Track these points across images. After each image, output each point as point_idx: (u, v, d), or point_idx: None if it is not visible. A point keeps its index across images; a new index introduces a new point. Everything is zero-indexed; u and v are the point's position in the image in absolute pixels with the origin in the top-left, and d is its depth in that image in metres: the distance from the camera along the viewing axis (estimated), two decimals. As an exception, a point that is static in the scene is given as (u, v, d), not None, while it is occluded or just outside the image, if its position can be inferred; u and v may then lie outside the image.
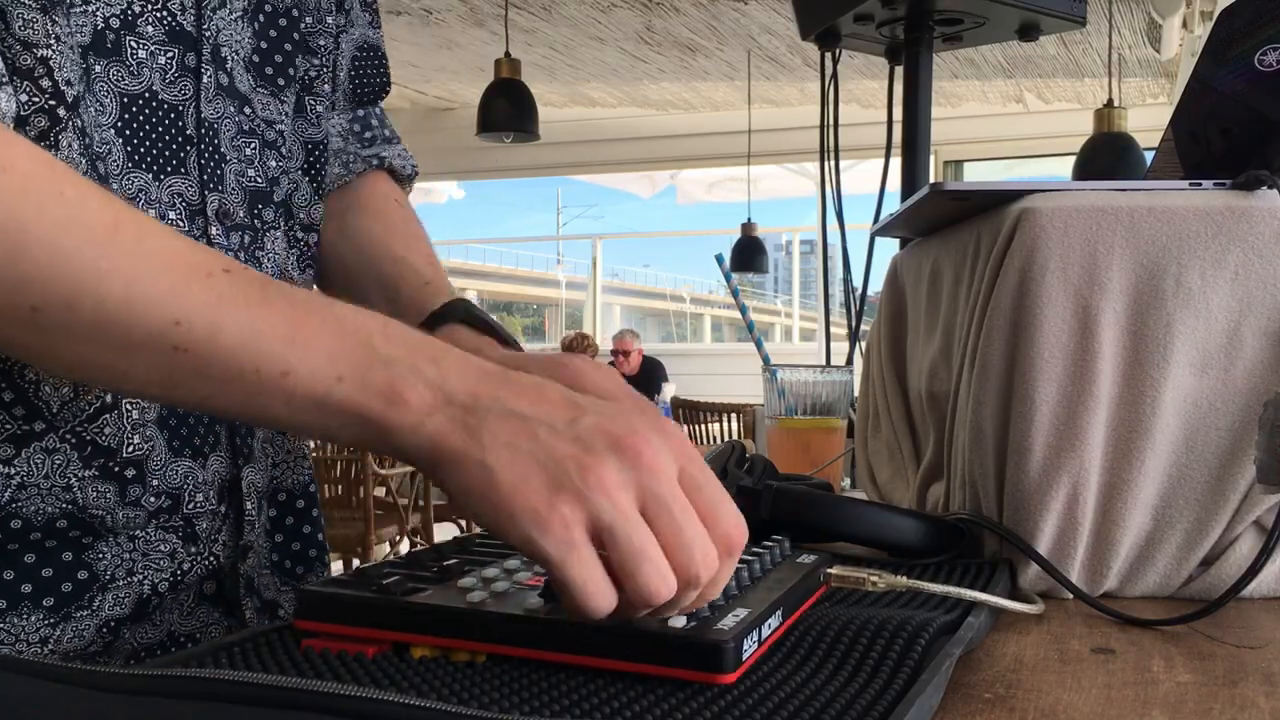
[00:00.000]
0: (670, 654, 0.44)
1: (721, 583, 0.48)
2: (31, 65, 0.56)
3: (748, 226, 6.72)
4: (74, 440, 0.60)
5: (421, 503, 4.62)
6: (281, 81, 0.73)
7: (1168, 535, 0.67)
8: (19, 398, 0.58)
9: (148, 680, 0.39)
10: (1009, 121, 7.05)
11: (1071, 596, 0.67)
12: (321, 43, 0.77)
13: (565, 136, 7.45)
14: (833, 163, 1.44)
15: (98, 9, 0.61)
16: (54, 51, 0.57)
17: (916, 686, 0.43)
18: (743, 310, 1.19)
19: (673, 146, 7.75)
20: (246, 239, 0.71)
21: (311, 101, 0.77)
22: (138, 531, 0.63)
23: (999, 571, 0.66)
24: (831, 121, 1.44)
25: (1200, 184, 0.69)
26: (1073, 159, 4.53)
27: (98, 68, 0.61)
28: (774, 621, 0.49)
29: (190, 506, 0.65)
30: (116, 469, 0.61)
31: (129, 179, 0.63)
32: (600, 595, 0.44)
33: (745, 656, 0.44)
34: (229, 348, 0.47)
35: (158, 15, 0.64)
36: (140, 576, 0.64)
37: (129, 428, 0.62)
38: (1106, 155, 4.20)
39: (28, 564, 0.60)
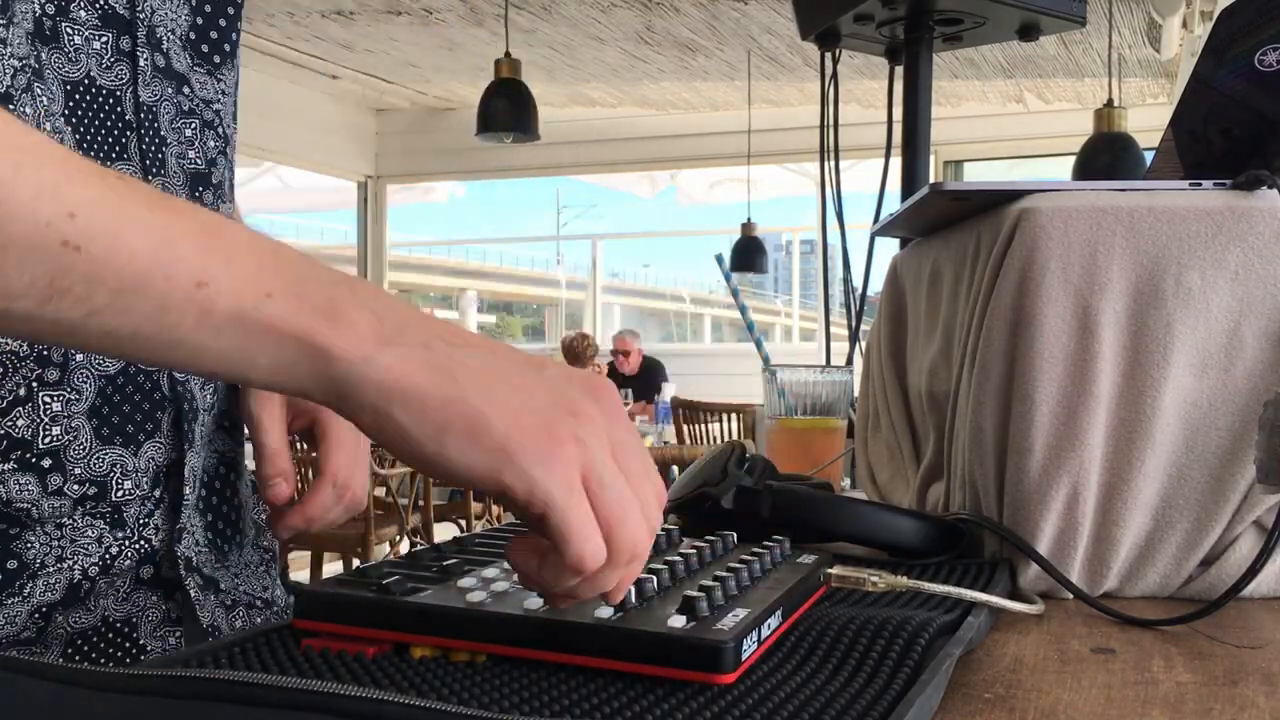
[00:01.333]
0: (670, 654, 0.44)
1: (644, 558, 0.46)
2: None
3: (748, 226, 6.72)
4: None
5: (421, 503, 4.62)
6: (218, 58, 0.72)
7: (1168, 535, 0.67)
8: None
9: (148, 680, 0.39)
10: (1009, 121, 7.04)
11: (1071, 596, 0.67)
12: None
13: (565, 136, 7.45)
14: (833, 163, 1.44)
15: None
16: None
17: (916, 686, 0.43)
18: (743, 310, 1.19)
19: (673, 146, 7.75)
20: None
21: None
22: (64, 519, 0.63)
23: (999, 571, 0.66)
24: (831, 121, 1.44)
25: (1200, 184, 0.69)
26: (1073, 159, 4.53)
27: (44, 55, 0.59)
28: (774, 622, 0.49)
29: (118, 494, 0.64)
30: (33, 460, 0.60)
31: None
32: (596, 543, 0.43)
33: (745, 657, 0.44)
34: (133, 248, 0.41)
35: (88, 0, 0.62)
36: (70, 563, 0.63)
37: (46, 420, 0.60)
38: (1106, 155, 4.20)
39: None
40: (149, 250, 0.41)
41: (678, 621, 0.45)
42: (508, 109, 4.57)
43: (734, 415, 5.62)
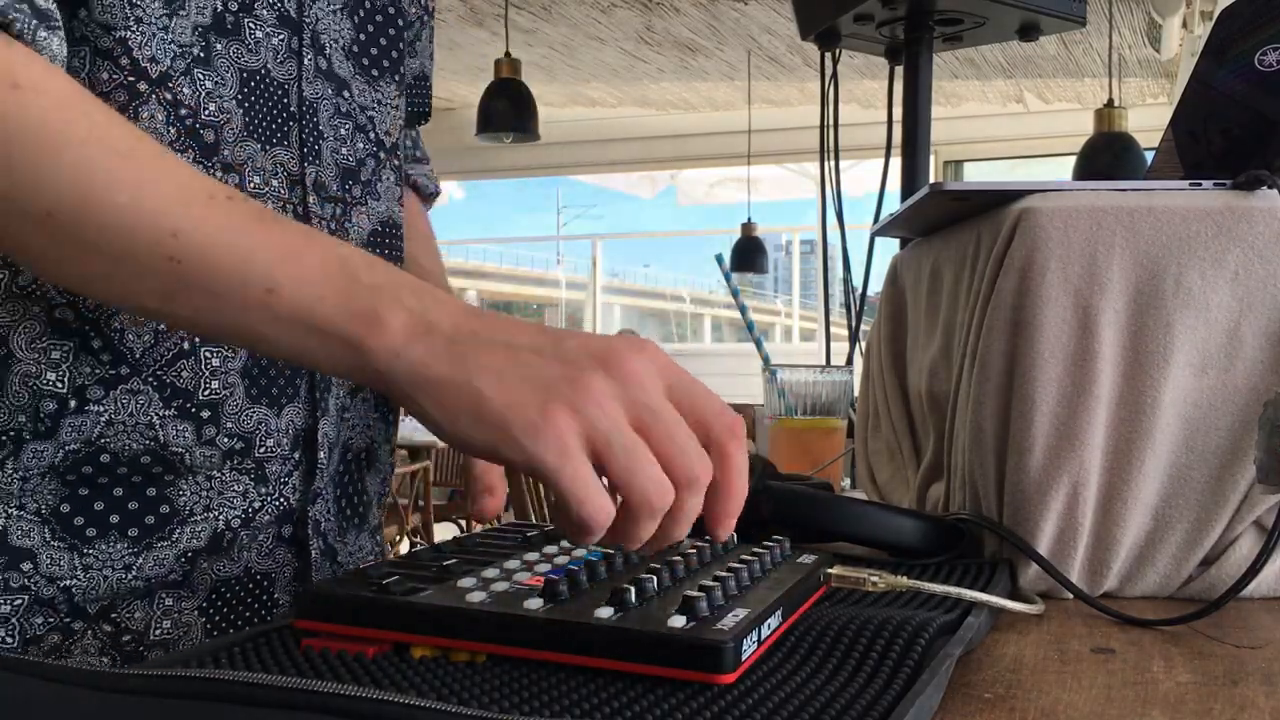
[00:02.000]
0: (670, 654, 0.44)
1: (736, 497, 0.49)
2: (110, 46, 0.62)
3: (748, 227, 6.72)
4: (155, 383, 0.65)
5: (421, 503, 4.62)
6: (376, 72, 0.79)
7: (1168, 535, 0.67)
8: (106, 345, 0.64)
9: (148, 680, 0.39)
10: (1009, 121, 7.04)
11: (1071, 596, 0.67)
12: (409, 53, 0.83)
13: (565, 136, 7.45)
14: (833, 163, 1.44)
15: None
16: (132, 32, 0.62)
17: (916, 686, 0.43)
18: (743, 310, 1.19)
19: (673, 146, 7.75)
20: (338, 211, 0.75)
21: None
22: (213, 471, 0.68)
23: (999, 571, 0.66)
24: (831, 121, 1.44)
25: (1200, 184, 0.69)
26: (1073, 159, 4.53)
27: (219, 45, 0.67)
28: (774, 621, 0.49)
29: (261, 450, 0.70)
30: (193, 410, 0.66)
31: (241, 146, 0.68)
32: (597, 503, 0.46)
33: (745, 656, 0.44)
34: (220, 262, 0.51)
35: (269, 1, 0.70)
36: (216, 513, 0.69)
37: (207, 373, 0.67)
38: (1106, 155, 4.20)
39: (116, 497, 0.65)
40: (232, 264, 0.51)
41: (678, 621, 0.45)
42: (508, 109, 4.57)
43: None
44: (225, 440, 0.68)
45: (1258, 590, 0.67)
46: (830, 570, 0.58)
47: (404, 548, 4.52)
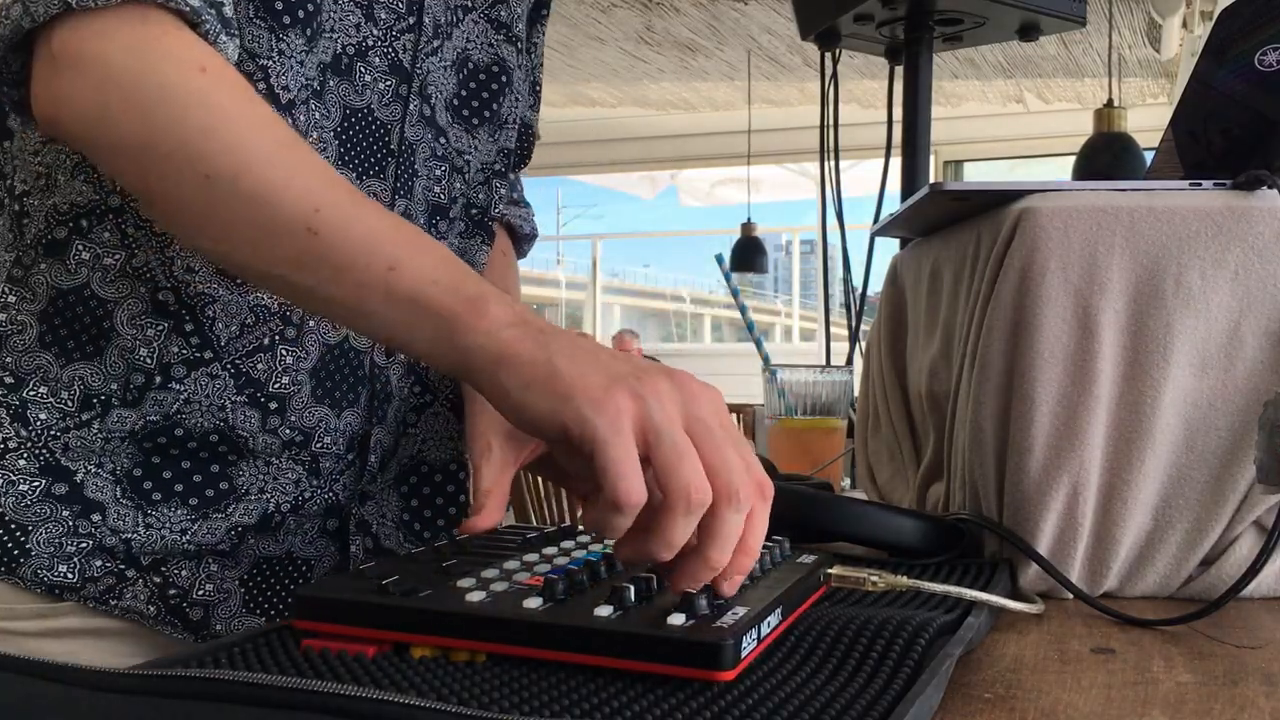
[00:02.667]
0: (669, 652, 0.44)
1: (759, 535, 0.50)
2: (252, 70, 0.67)
3: (747, 227, 6.71)
4: (233, 370, 0.71)
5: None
6: (476, 121, 0.86)
7: (1168, 535, 0.67)
8: (197, 329, 0.70)
9: (147, 680, 0.39)
10: (1009, 121, 7.04)
11: (1071, 596, 0.67)
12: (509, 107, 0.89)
13: (565, 136, 7.44)
14: (833, 163, 1.44)
15: (338, 37, 0.73)
16: (274, 62, 0.68)
17: (916, 686, 0.43)
18: (743, 310, 1.19)
19: (673, 146, 7.74)
20: None
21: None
22: (272, 458, 0.74)
23: (999, 571, 0.66)
24: (831, 121, 1.44)
25: (1200, 184, 0.69)
26: (1073, 159, 4.53)
27: (331, 82, 0.73)
28: (773, 620, 0.49)
29: (318, 446, 0.75)
30: (262, 399, 0.72)
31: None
32: (633, 481, 0.48)
33: (744, 654, 0.44)
34: (353, 237, 0.57)
35: (384, 50, 0.76)
36: (269, 495, 0.74)
37: (279, 369, 0.72)
38: (1106, 155, 4.19)
39: (183, 469, 0.71)
40: (362, 240, 0.57)
41: (677, 619, 0.45)
42: (508, 109, 4.56)
43: (734, 415, 5.62)
44: (287, 431, 0.73)
45: (1258, 590, 0.67)
46: (830, 570, 0.58)
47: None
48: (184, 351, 0.70)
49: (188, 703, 0.38)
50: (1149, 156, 0.90)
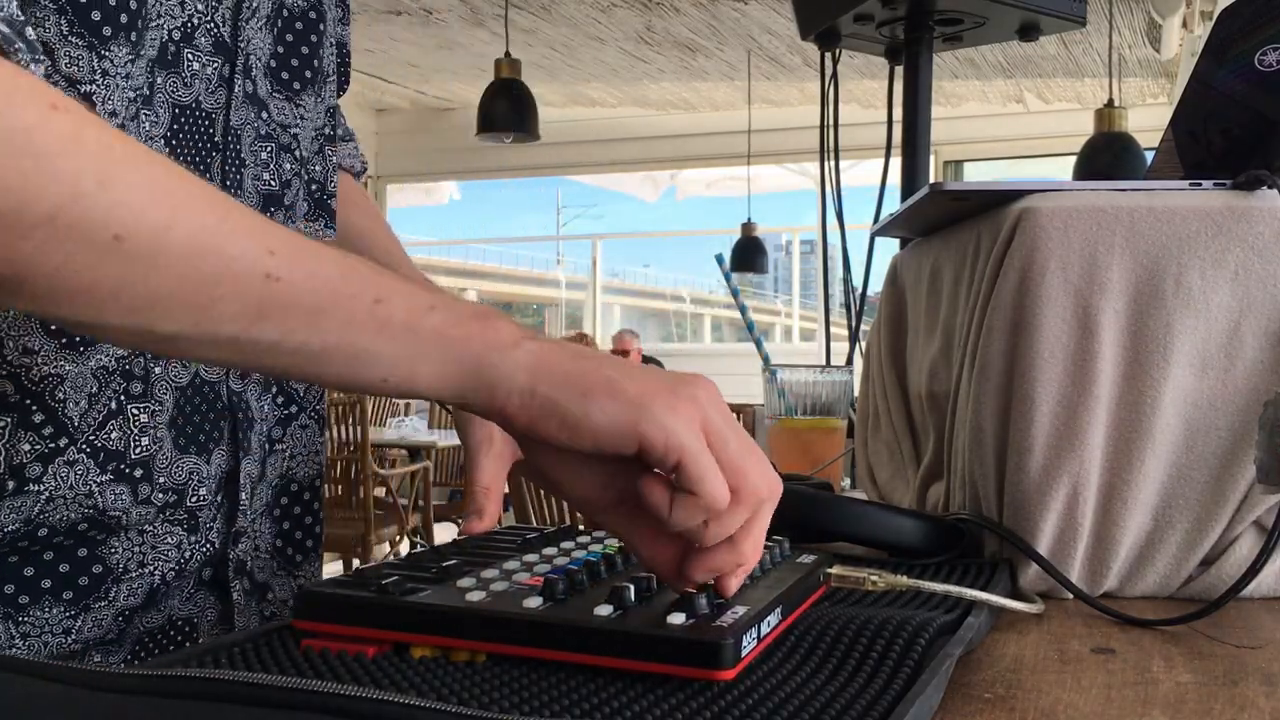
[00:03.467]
0: (669, 651, 0.44)
1: (760, 536, 0.50)
2: (76, 100, 0.56)
3: (748, 226, 6.72)
4: (89, 449, 0.62)
5: (421, 503, 4.62)
6: (297, 85, 0.75)
7: (1168, 535, 0.67)
8: (48, 418, 0.60)
9: (147, 680, 0.39)
10: (1009, 121, 7.04)
11: (1071, 596, 0.67)
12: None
13: (565, 136, 7.44)
14: (833, 163, 1.44)
15: (164, 23, 0.63)
16: (99, 86, 0.59)
17: (916, 686, 0.43)
18: (743, 310, 1.19)
19: (673, 146, 7.74)
20: None
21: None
22: (146, 526, 0.66)
23: (999, 571, 0.66)
24: (831, 121, 1.44)
25: (1200, 184, 0.69)
26: (1073, 159, 4.53)
27: (159, 80, 0.63)
28: (773, 619, 0.49)
29: (193, 500, 0.68)
30: (126, 470, 0.63)
31: None
32: (719, 482, 0.47)
33: (744, 653, 0.44)
34: (322, 276, 0.48)
35: (208, 27, 0.66)
36: (151, 568, 0.66)
37: (136, 431, 0.64)
38: (1106, 155, 4.20)
39: (46, 561, 0.62)
40: (337, 276, 0.48)
41: (677, 619, 0.45)
42: (508, 109, 4.57)
43: (734, 415, 5.61)
44: (160, 495, 0.65)
45: (1258, 590, 0.67)
46: (830, 570, 0.58)
47: (404, 548, 4.52)
48: (36, 446, 0.60)
49: (188, 703, 0.38)
50: (1149, 156, 0.90)
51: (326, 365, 0.50)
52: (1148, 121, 4.89)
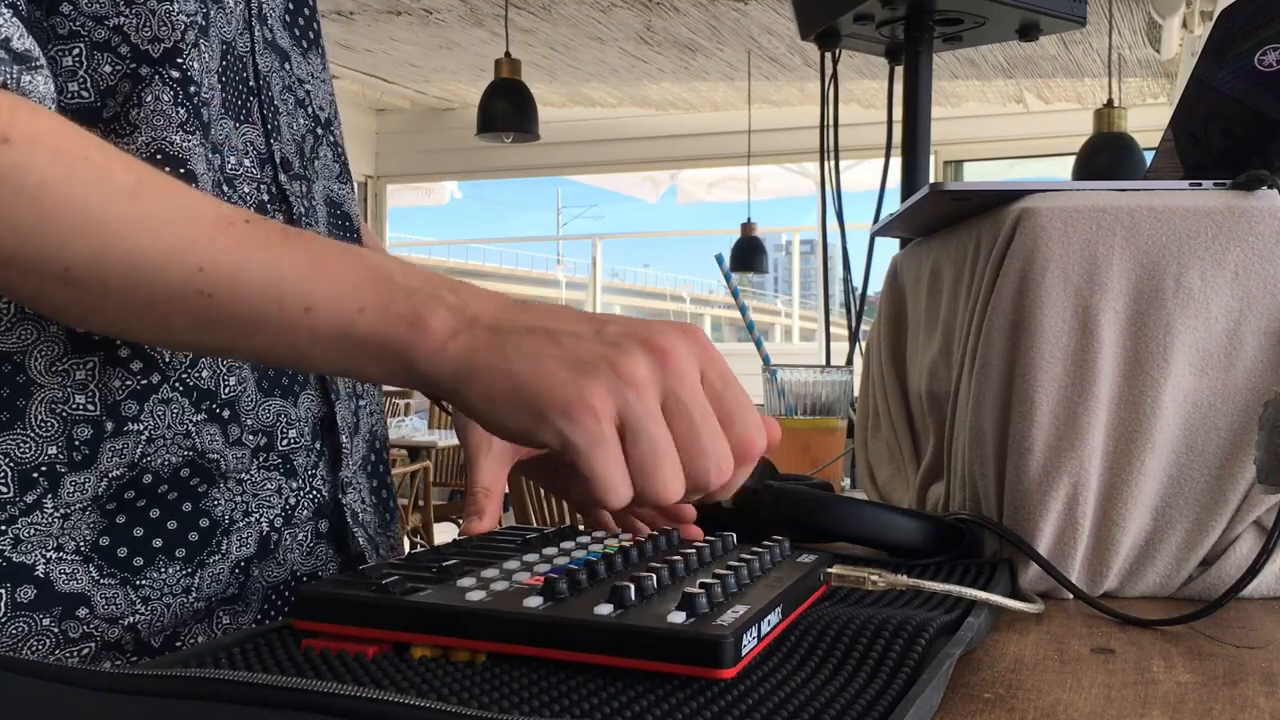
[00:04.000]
0: (670, 649, 0.44)
1: (733, 488, 0.51)
2: (106, 37, 0.58)
3: (747, 226, 6.72)
4: (182, 388, 0.62)
5: (421, 503, 4.62)
6: (305, 43, 0.75)
7: (1168, 535, 0.67)
8: (135, 352, 0.60)
9: (148, 680, 0.39)
10: (1009, 121, 7.05)
11: (1071, 596, 0.67)
12: None
13: (565, 136, 7.45)
14: (833, 163, 1.44)
15: None
16: (127, 17, 0.59)
17: (916, 686, 0.43)
18: (743, 310, 1.19)
19: (673, 146, 7.75)
20: (304, 189, 0.72)
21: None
22: (244, 474, 0.66)
23: (999, 571, 0.66)
24: (831, 121, 1.44)
25: (1200, 184, 0.69)
26: (1073, 159, 4.53)
27: (212, 12, 0.64)
28: (773, 618, 0.49)
29: (284, 444, 0.68)
30: (218, 410, 0.63)
31: (219, 125, 0.65)
32: (620, 490, 0.48)
33: (745, 652, 0.44)
34: (252, 288, 0.50)
35: None
36: (257, 516, 0.66)
37: (224, 370, 0.64)
38: (1106, 155, 4.20)
39: (154, 519, 0.62)
40: (264, 287, 0.50)
41: (677, 617, 0.45)
42: (508, 109, 4.57)
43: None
44: (250, 438, 0.65)
45: (1258, 590, 0.67)
46: (830, 570, 0.58)
47: (404, 548, 4.51)
48: (128, 383, 0.60)
49: (188, 703, 0.38)
50: (1149, 156, 0.90)
51: (285, 366, 0.53)
52: (1148, 121, 4.89)
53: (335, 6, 5.50)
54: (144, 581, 0.61)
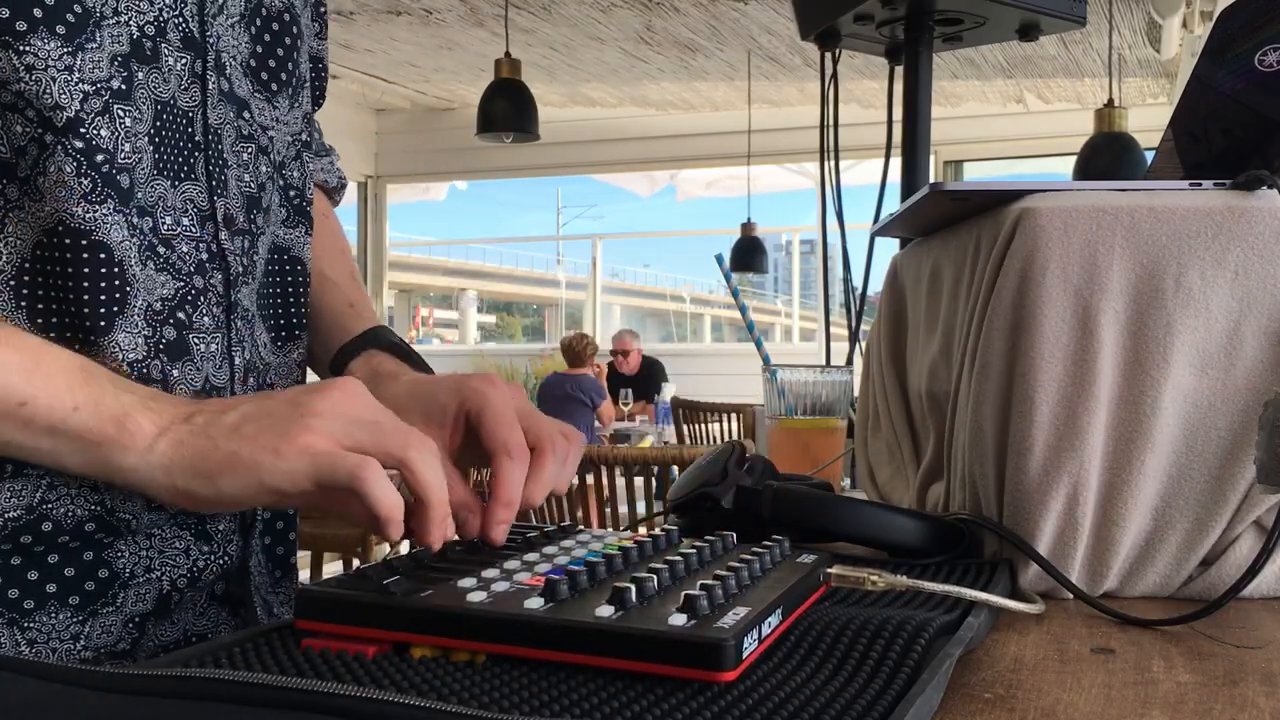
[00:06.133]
0: (670, 652, 0.44)
1: (425, 489, 0.58)
2: (12, 100, 0.59)
3: (747, 226, 6.72)
4: None
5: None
6: (275, 86, 0.75)
7: (1168, 535, 0.67)
8: None
9: (148, 680, 0.39)
10: (1009, 121, 7.04)
11: (1071, 596, 0.67)
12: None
13: (565, 136, 7.44)
14: (833, 163, 1.44)
15: (130, 19, 0.63)
16: (27, 84, 0.59)
17: (916, 686, 0.43)
18: (743, 310, 1.19)
19: (673, 146, 7.75)
20: (246, 244, 0.72)
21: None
22: (154, 530, 0.66)
23: (999, 571, 0.66)
24: (831, 121, 1.44)
25: (1200, 184, 0.69)
26: (1073, 159, 4.53)
27: (140, 75, 0.64)
28: (774, 620, 0.49)
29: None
30: None
31: (151, 186, 0.65)
32: (390, 499, 0.56)
33: (746, 654, 0.44)
34: None
35: (176, 22, 0.66)
36: (158, 573, 0.67)
37: None
38: (1106, 155, 4.20)
39: (51, 564, 0.62)
40: None
41: (678, 620, 0.45)
42: (508, 109, 4.57)
43: (734, 415, 5.61)
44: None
45: (1258, 590, 0.67)
46: (830, 570, 0.58)
47: (404, 548, 4.51)
48: None
49: (188, 703, 0.38)
50: (1149, 156, 0.90)
51: (9, 456, 0.57)
52: (1148, 121, 4.89)
53: (335, 6, 5.49)
54: (31, 625, 0.62)
